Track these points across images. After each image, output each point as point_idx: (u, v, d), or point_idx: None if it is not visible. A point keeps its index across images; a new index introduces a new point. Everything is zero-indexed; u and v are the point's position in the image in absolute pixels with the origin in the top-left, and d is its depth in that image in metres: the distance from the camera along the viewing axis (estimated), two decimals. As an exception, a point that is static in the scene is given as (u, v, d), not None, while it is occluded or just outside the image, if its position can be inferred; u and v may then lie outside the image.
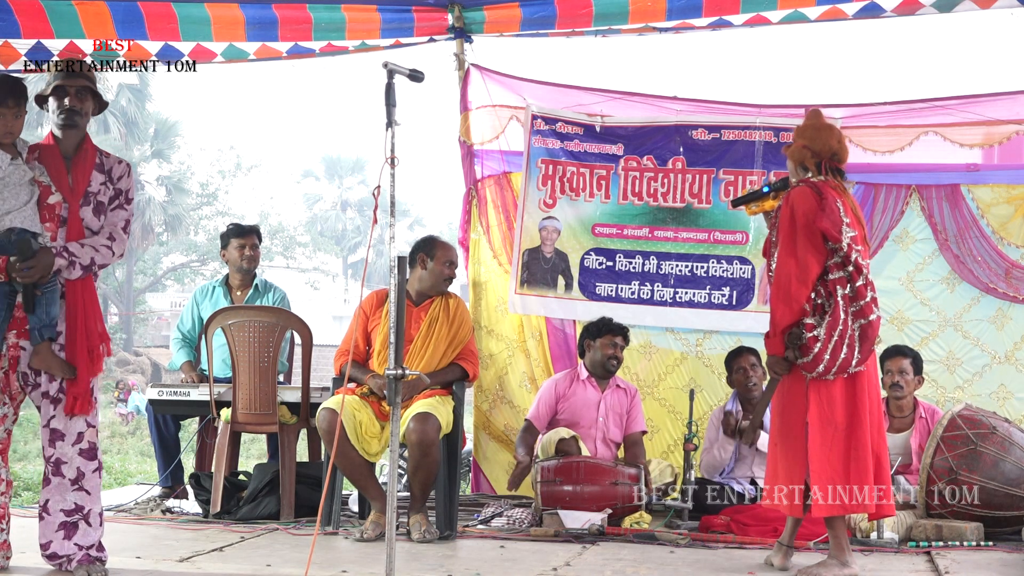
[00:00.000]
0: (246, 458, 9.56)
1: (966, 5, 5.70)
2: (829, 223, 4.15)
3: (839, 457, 4.19)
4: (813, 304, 4.20)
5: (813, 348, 4.16)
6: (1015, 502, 5.03)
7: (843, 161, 4.39)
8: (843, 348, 4.14)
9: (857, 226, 4.25)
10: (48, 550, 4.12)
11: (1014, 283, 6.27)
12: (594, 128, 6.65)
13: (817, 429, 4.21)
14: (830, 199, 4.19)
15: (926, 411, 5.83)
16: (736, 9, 5.98)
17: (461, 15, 6.43)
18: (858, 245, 4.20)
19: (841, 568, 4.20)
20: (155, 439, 6.17)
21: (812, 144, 4.35)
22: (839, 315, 4.15)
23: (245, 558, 4.48)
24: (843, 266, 4.18)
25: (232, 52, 6.37)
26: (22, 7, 5.86)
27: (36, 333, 3.99)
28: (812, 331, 4.17)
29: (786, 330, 4.21)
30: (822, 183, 4.27)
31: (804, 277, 4.16)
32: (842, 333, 4.14)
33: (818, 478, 4.19)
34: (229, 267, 6.35)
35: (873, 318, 4.18)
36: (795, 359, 4.23)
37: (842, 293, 4.17)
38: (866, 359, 4.21)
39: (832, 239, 4.16)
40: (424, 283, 5.32)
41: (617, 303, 6.52)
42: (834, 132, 4.41)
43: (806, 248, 4.16)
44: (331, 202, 52.00)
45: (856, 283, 4.17)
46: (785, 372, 4.30)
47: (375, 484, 5.09)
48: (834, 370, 4.16)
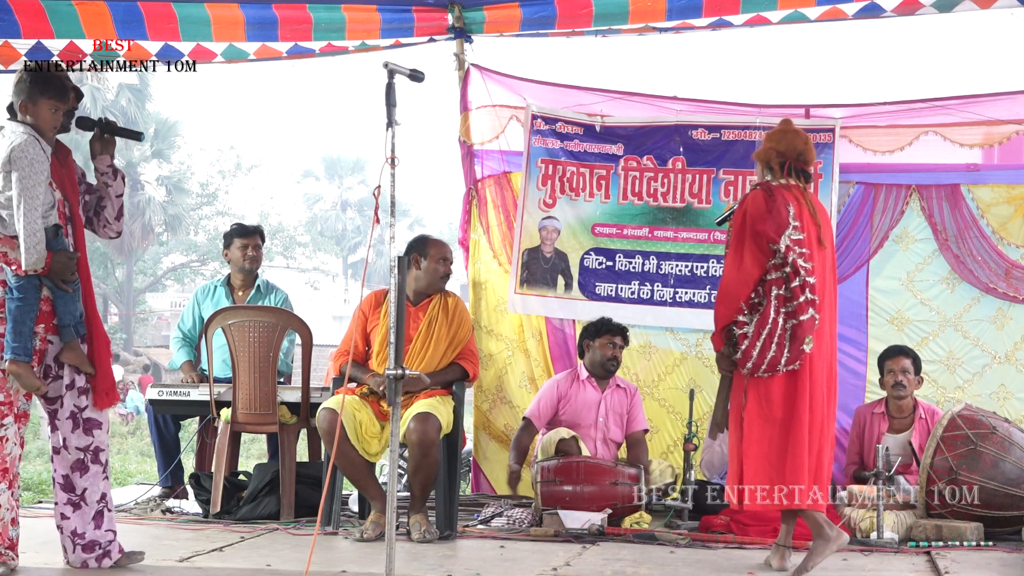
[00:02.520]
0: (246, 458, 9.55)
1: (966, 5, 5.70)
2: (772, 225, 4.27)
3: (775, 453, 4.27)
4: (750, 303, 4.32)
5: (742, 345, 4.28)
6: (1015, 502, 5.03)
7: (809, 163, 4.48)
8: (772, 346, 4.23)
9: (810, 226, 4.34)
10: (84, 539, 4.11)
11: (1014, 283, 6.27)
12: (594, 128, 6.65)
13: (755, 425, 4.31)
14: (779, 201, 4.30)
15: (926, 411, 5.83)
16: (736, 9, 5.98)
17: (461, 15, 6.43)
18: (803, 248, 4.28)
19: (827, 544, 4.26)
20: (155, 439, 6.17)
21: (778, 145, 4.45)
22: (769, 314, 4.25)
23: (245, 558, 4.49)
24: (781, 267, 4.29)
25: (232, 52, 6.37)
26: (22, 7, 5.86)
27: (71, 329, 4.02)
28: (742, 328, 4.30)
29: (725, 328, 4.34)
30: (778, 186, 4.38)
31: (744, 277, 4.30)
32: (771, 331, 4.24)
33: (753, 473, 4.28)
34: (231, 267, 6.35)
35: (805, 318, 4.25)
36: (731, 355, 4.36)
37: (776, 293, 4.27)
38: (797, 358, 4.26)
39: (771, 241, 4.27)
40: (420, 282, 5.32)
41: (617, 303, 6.52)
42: (800, 135, 4.51)
43: (749, 249, 4.30)
44: (331, 202, 52.00)
45: (792, 284, 4.27)
46: (729, 369, 4.43)
47: (375, 484, 5.09)
48: (763, 367, 4.26)
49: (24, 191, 3.86)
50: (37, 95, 4.00)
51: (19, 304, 3.93)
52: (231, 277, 6.38)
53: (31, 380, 3.97)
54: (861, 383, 6.38)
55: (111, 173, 4.27)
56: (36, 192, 3.88)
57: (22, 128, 3.97)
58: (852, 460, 5.95)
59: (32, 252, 3.86)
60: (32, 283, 3.95)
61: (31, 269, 3.89)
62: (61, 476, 4.15)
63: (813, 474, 4.29)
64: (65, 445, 4.12)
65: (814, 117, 6.52)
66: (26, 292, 3.94)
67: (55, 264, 3.93)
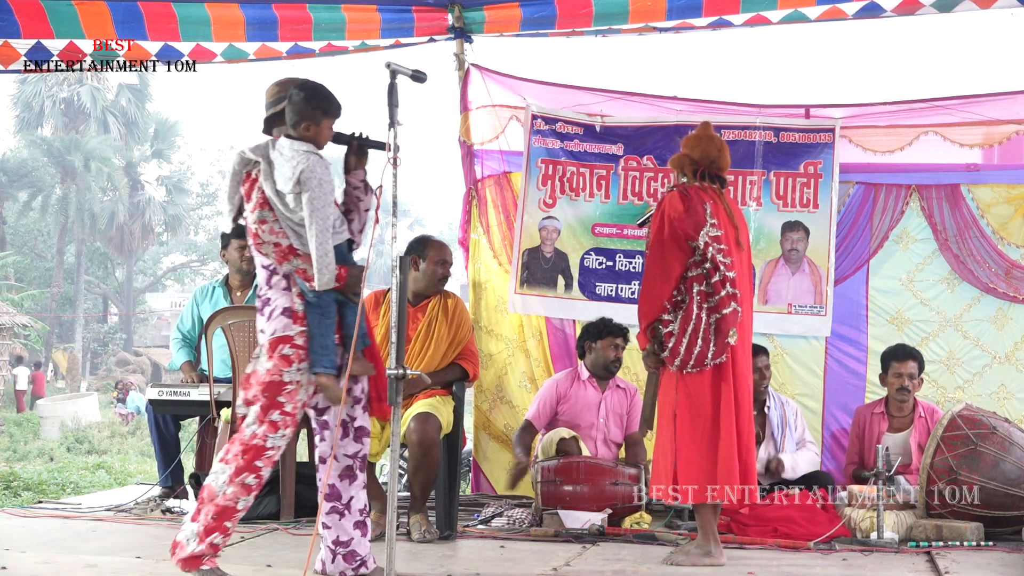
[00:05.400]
0: (246, 458, 9.53)
1: (966, 5, 5.70)
2: (690, 224, 4.38)
3: (707, 449, 4.36)
4: (673, 300, 4.42)
5: (668, 342, 4.38)
6: (1015, 502, 5.03)
7: (723, 169, 4.60)
8: (698, 341, 4.35)
9: (727, 227, 4.46)
10: (347, 547, 4.02)
11: (1014, 283, 6.27)
12: (594, 128, 6.64)
13: (686, 421, 4.38)
14: (696, 202, 4.42)
15: (925, 411, 5.83)
16: (736, 9, 5.98)
17: (461, 15, 6.43)
18: (721, 244, 4.41)
19: (702, 556, 4.39)
20: (155, 439, 6.16)
21: (692, 152, 4.57)
22: (692, 310, 4.37)
23: (245, 558, 4.48)
24: (701, 263, 4.39)
25: (232, 52, 6.36)
26: (22, 7, 5.86)
27: (360, 340, 3.96)
28: (668, 326, 4.39)
29: (649, 325, 4.43)
30: (693, 188, 4.51)
31: (666, 275, 4.40)
32: (695, 327, 4.36)
33: (686, 468, 4.36)
34: (229, 268, 6.34)
35: (727, 312, 4.37)
36: (657, 353, 4.44)
37: (698, 289, 4.39)
38: (722, 352, 4.37)
39: (690, 238, 4.38)
40: (419, 284, 5.32)
41: (617, 303, 6.51)
42: (715, 142, 4.61)
43: (670, 248, 4.40)
44: (331, 202, 52.01)
45: (712, 279, 4.38)
46: (655, 366, 4.52)
47: (375, 484, 5.09)
48: (691, 363, 4.36)
49: (315, 212, 3.79)
50: (320, 115, 3.94)
51: (320, 317, 3.89)
52: (229, 278, 6.37)
53: (336, 392, 3.90)
54: (861, 383, 6.38)
55: (363, 188, 4.14)
56: (326, 213, 3.82)
57: (304, 147, 3.89)
58: (852, 460, 5.95)
59: (324, 272, 3.81)
60: (330, 295, 3.91)
61: (325, 287, 3.85)
62: (327, 485, 4.02)
63: (743, 471, 4.40)
64: (334, 454, 4.02)
65: (814, 117, 6.53)
66: (326, 305, 3.90)
67: (349, 278, 3.91)
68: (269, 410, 3.86)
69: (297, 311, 3.89)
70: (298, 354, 3.88)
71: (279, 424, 3.87)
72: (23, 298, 29.36)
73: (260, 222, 3.91)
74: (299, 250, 3.88)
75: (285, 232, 3.89)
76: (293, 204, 3.84)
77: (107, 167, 34.85)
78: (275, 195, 3.87)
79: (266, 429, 3.86)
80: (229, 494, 3.83)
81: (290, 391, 3.88)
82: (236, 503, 3.84)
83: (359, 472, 4.06)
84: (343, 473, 4.04)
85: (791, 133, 6.46)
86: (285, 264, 3.90)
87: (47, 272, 35.56)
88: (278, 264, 3.91)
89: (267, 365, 3.88)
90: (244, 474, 3.83)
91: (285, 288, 3.92)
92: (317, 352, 3.88)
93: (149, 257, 39.93)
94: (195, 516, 3.87)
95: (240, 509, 3.86)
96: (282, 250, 3.90)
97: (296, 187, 3.83)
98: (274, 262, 3.92)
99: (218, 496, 3.83)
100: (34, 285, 33.97)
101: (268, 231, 3.91)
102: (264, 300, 3.96)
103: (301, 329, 3.88)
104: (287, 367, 3.87)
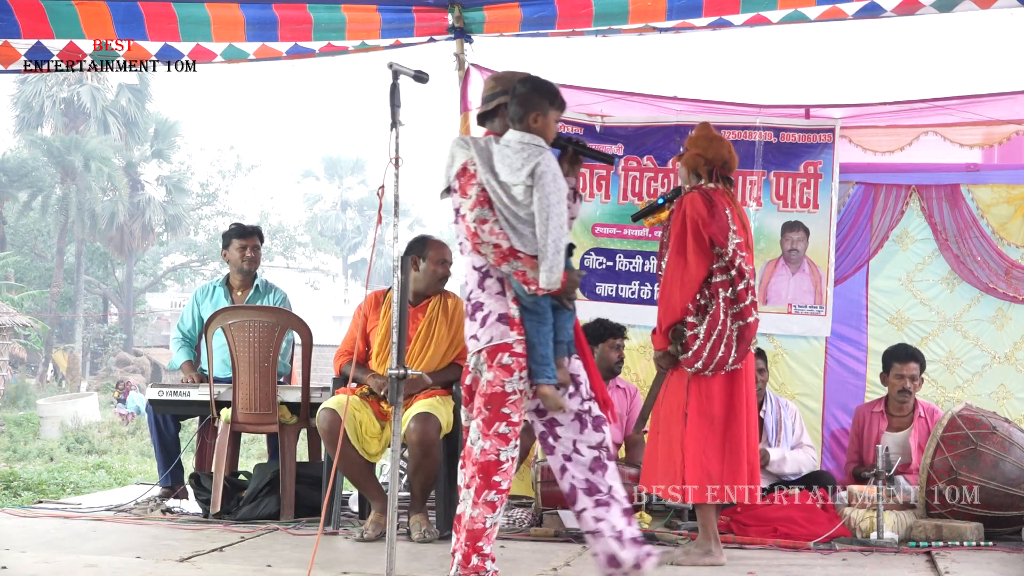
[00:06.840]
0: (246, 458, 9.56)
1: (966, 5, 5.69)
2: (717, 229, 4.38)
3: (714, 450, 4.38)
4: (697, 304, 4.42)
5: (693, 345, 4.39)
6: (1015, 502, 5.04)
7: (732, 170, 4.59)
8: (721, 346, 4.37)
9: (743, 233, 4.46)
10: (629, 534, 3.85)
11: (1014, 283, 6.27)
12: (594, 128, 6.64)
13: (695, 422, 4.40)
14: (719, 206, 4.41)
15: (925, 410, 5.83)
16: (736, 9, 5.98)
17: (461, 15, 6.42)
18: (743, 251, 4.41)
19: (702, 556, 4.41)
20: (155, 439, 6.17)
21: (705, 153, 4.54)
22: (719, 316, 4.38)
23: (245, 558, 4.49)
24: (727, 270, 4.40)
25: (232, 52, 6.36)
26: (22, 7, 5.86)
27: (564, 346, 3.87)
28: (693, 329, 4.40)
29: (670, 327, 4.43)
30: (713, 190, 4.48)
31: (690, 279, 4.40)
32: (720, 333, 4.37)
33: (693, 467, 4.37)
34: (230, 267, 6.35)
35: (751, 320, 4.41)
36: (677, 354, 4.44)
37: (724, 295, 4.39)
38: (742, 358, 4.41)
39: (719, 244, 4.38)
40: (419, 284, 5.32)
41: (617, 303, 6.51)
42: (724, 143, 4.60)
43: (694, 251, 4.39)
44: (331, 202, 52.05)
45: (738, 287, 4.39)
46: (669, 367, 4.52)
47: (375, 484, 5.10)
48: (712, 367, 4.38)
49: (552, 207, 3.67)
50: (547, 105, 3.85)
51: (539, 324, 3.78)
52: (230, 277, 6.38)
53: (558, 401, 3.81)
54: (861, 383, 6.38)
55: (572, 195, 3.99)
56: (562, 209, 3.70)
57: (536, 140, 3.80)
58: (852, 459, 5.96)
59: (556, 271, 3.69)
60: (546, 300, 3.78)
61: (549, 288, 3.71)
62: (583, 482, 3.87)
63: (749, 472, 4.43)
64: (576, 449, 3.87)
65: (814, 117, 6.53)
66: (542, 311, 3.78)
67: (569, 282, 3.80)
68: (494, 423, 3.74)
69: (514, 317, 3.77)
70: (518, 362, 3.75)
71: (508, 436, 3.76)
72: (23, 298, 29.37)
73: (480, 221, 3.75)
74: (520, 252, 3.74)
75: (506, 232, 3.74)
76: (521, 197, 3.72)
77: (107, 167, 34.85)
78: (499, 186, 3.74)
79: (495, 443, 3.74)
80: (476, 516, 3.74)
81: (514, 401, 3.76)
82: (484, 523, 3.74)
83: (606, 460, 3.88)
84: (592, 465, 3.86)
85: (791, 133, 6.45)
86: (504, 266, 3.75)
87: (47, 272, 35.56)
88: (495, 266, 3.78)
89: (488, 376, 3.77)
90: (485, 492, 3.75)
91: (499, 292, 3.80)
92: (538, 363, 3.76)
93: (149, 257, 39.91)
94: (454, 546, 3.78)
95: (488, 527, 3.75)
96: (502, 251, 3.74)
97: (528, 179, 3.70)
98: (490, 264, 3.78)
99: (466, 520, 3.76)
100: (34, 285, 33.96)
101: (488, 231, 3.74)
102: (476, 304, 3.83)
103: (519, 337, 3.76)
104: (508, 377, 3.75)
